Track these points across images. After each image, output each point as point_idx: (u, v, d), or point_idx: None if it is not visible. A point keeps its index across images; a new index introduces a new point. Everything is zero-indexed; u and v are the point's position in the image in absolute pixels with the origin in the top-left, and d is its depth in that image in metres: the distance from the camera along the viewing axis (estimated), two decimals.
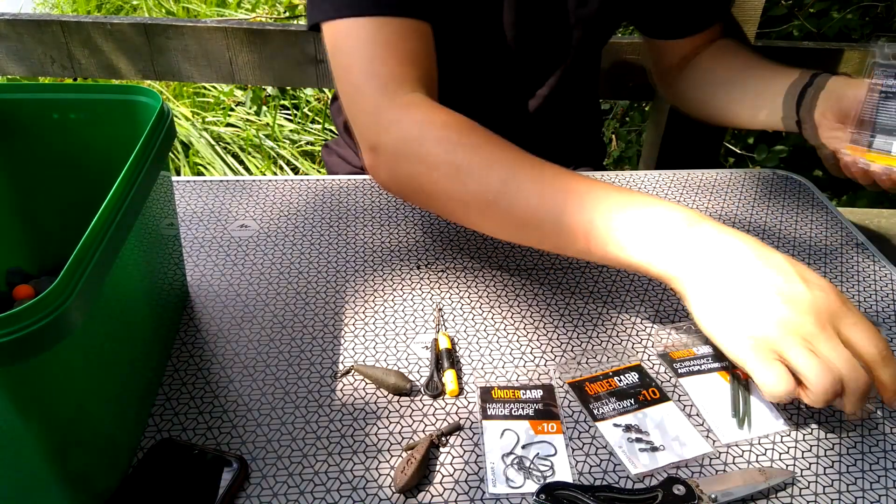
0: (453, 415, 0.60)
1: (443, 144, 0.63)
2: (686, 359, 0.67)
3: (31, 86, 0.64)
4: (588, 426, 0.60)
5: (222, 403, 0.61)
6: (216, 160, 2.35)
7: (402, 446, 0.57)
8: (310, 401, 0.61)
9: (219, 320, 0.70)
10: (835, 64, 1.28)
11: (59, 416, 0.45)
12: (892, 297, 0.76)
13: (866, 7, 2.09)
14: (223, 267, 0.77)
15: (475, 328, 0.70)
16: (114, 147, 0.62)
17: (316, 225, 0.84)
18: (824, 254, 0.82)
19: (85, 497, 0.50)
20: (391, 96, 0.66)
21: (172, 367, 0.64)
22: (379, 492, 0.54)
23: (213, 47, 1.28)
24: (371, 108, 0.66)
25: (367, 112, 0.67)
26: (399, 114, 0.65)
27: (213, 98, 2.66)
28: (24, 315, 0.38)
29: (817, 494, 0.55)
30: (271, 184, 0.91)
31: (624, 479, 0.56)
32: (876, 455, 0.58)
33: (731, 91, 0.89)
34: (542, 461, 0.56)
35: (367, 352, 0.66)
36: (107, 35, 1.29)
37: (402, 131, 0.65)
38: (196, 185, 0.91)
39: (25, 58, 1.32)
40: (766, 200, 0.92)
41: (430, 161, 0.63)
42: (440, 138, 0.63)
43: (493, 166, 0.61)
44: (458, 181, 0.62)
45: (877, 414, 0.62)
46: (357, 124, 0.68)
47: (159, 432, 0.58)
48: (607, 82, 1.29)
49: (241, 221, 0.84)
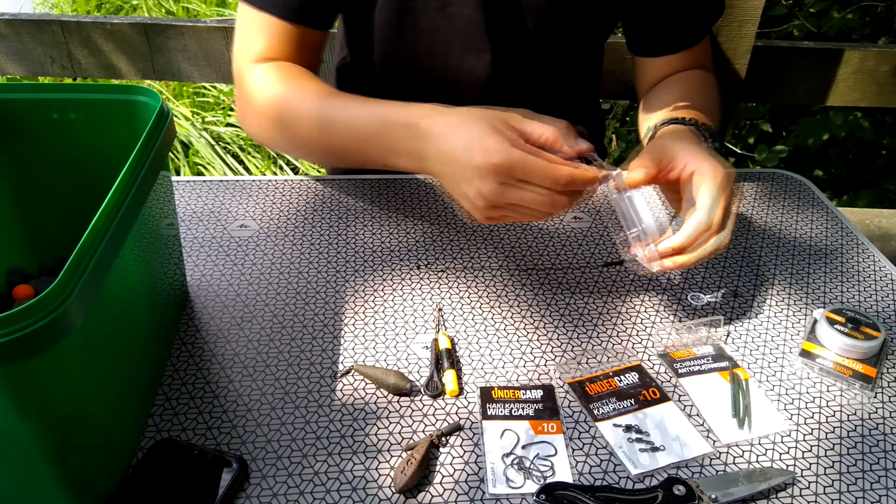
0: (453, 415, 0.60)
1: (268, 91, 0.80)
2: (686, 359, 0.66)
3: (31, 86, 0.64)
4: (588, 426, 0.60)
5: (222, 403, 0.61)
6: (216, 160, 2.35)
7: (402, 446, 0.57)
8: (310, 401, 0.61)
9: (219, 320, 0.70)
10: (835, 64, 1.28)
11: (58, 416, 0.45)
12: (892, 297, 0.76)
13: (866, 7, 2.09)
14: (223, 267, 0.77)
15: (475, 328, 0.70)
16: (114, 147, 0.62)
17: (316, 225, 0.84)
18: (824, 254, 0.82)
19: (85, 497, 0.50)
20: (250, 65, 0.82)
21: (172, 367, 0.64)
22: (379, 492, 0.54)
23: (213, 47, 1.28)
24: (236, 70, 0.85)
25: (234, 71, 0.86)
26: (251, 75, 0.82)
27: (212, 98, 2.66)
28: (24, 315, 0.38)
29: (817, 495, 0.55)
30: (271, 184, 0.91)
31: (624, 479, 0.55)
32: (876, 455, 0.58)
33: (644, 107, 0.93)
34: (542, 461, 0.56)
35: (367, 352, 0.66)
36: (106, 35, 1.29)
37: (247, 86, 0.82)
38: (196, 185, 0.90)
39: (25, 58, 1.32)
40: (766, 200, 0.92)
41: (260, 111, 0.81)
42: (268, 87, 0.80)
43: (302, 105, 0.77)
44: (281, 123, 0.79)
45: (877, 414, 0.62)
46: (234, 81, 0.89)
47: (159, 432, 0.58)
48: (607, 82, 1.29)
49: (241, 221, 0.84)
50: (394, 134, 0.68)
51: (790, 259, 0.81)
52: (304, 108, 0.77)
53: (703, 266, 0.80)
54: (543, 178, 0.59)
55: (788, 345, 0.69)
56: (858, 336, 0.66)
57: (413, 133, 0.66)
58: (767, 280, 0.78)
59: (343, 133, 0.73)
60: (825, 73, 1.30)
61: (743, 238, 0.85)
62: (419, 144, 0.66)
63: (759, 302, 0.75)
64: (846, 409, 0.63)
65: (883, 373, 0.66)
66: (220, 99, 2.65)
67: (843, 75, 1.30)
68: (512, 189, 0.60)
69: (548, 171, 0.59)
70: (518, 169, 0.59)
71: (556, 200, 0.60)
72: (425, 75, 0.91)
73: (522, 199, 0.60)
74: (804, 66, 1.30)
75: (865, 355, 0.66)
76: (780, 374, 0.66)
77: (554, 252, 0.81)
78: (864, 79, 1.29)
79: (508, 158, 0.59)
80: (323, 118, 0.75)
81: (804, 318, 0.73)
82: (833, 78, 1.30)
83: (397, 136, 0.68)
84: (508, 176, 0.59)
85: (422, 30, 0.87)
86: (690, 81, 0.92)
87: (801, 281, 0.78)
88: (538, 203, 0.60)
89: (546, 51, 0.91)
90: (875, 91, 1.31)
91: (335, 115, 0.74)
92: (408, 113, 0.67)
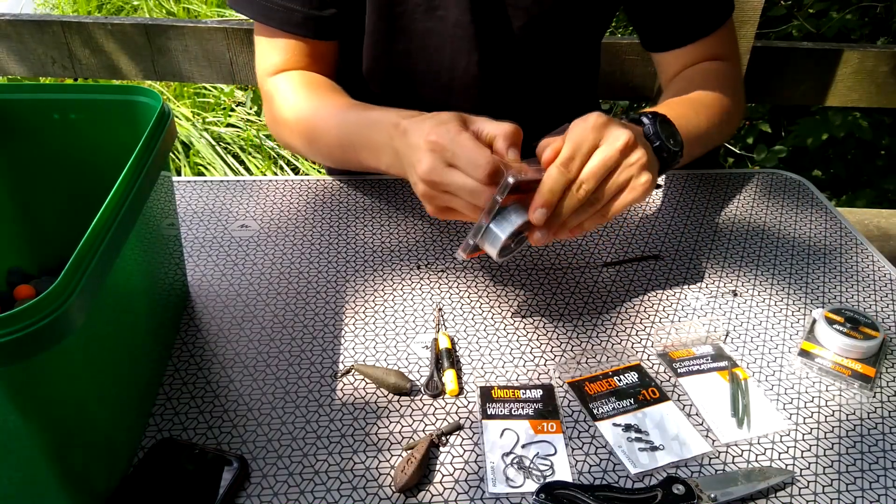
0: (453, 414, 0.60)
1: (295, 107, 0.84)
2: (685, 358, 0.67)
3: (32, 86, 0.64)
4: (588, 426, 0.60)
5: (222, 403, 0.61)
6: (216, 160, 2.35)
7: (402, 446, 0.57)
8: (310, 401, 0.61)
9: (219, 320, 0.70)
10: (834, 64, 1.28)
11: (59, 415, 0.45)
12: (891, 296, 0.76)
13: (865, 7, 2.09)
14: (223, 267, 0.77)
15: (475, 328, 0.70)
16: (114, 147, 0.62)
17: (316, 225, 0.84)
18: (824, 254, 0.82)
19: (85, 497, 0.50)
20: (271, 77, 0.87)
21: (172, 367, 0.64)
22: (379, 491, 0.54)
23: (214, 47, 1.28)
24: (260, 83, 0.90)
25: (259, 86, 0.91)
26: (275, 86, 0.87)
27: (213, 98, 2.66)
28: (24, 315, 0.38)
29: (817, 494, 0.55)
30: (271, 184, 0.91)
31: (624, 478, 0.56)
32: (875, 454, 0.59)
33: None
34: (542, 461, 0.56)
35: (367, 352, 0.67)
36: (107, 35, 1.29)
37: (274, 99, 0.87)
38: (196, 185, 0.91)
39: (26, 58, 1.32)
40: (766, 200, 0.92)
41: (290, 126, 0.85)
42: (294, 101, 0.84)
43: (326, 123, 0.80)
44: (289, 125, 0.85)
45: (875, 413, 0.62)
46: None
47: (159, 432, 0.58)
48: (607, 82, 1.29)
49: (241, 221, 0.84)
50: (381, 135, 0.70)
51: (789, 259, 0.81)
52: (327, 126, 0.80)
53: (703, 266, 0.80)
54: (467, 162, 0.58)
55: (787, 344, 0.69)
56: (857, 336, 0.67)
57: (391, 133, 0.67)
58: (766, 280, 0.78)
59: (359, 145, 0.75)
60: (824, 73, 1.30)
61: (742, 238, 0.85)
62: (395, 142, 0.67)
63: (759, 302, 0.75)
64: (845, 409, 0.63)
65: (882, 372, 0.67)
66: (220, 99, 2.65)
67: (842, 76, 1.30)
68: (445, 170, 0.59)
69: (472, 153, 0.58)
70: (448, 149, 0.59)
71: (477, 190, 0.58)
72: (417, 78, 0.91)
73: (452, 183, 0.59)
74: (803, 67, 1.30)
75: (864, 355, 0.67)
76: (779, 373, 0.66)
77: (554, 252, 0.81)
78: (864, 79, 1.30)
79: (442, 137, 0.59)
80: (342, 135, 0.77)
81: (803, 317, 0.73)
82: (832, 78, 1.30)
83: (383, 136, 0.69)
84: (441, 155, 0.59)
85: (412, 33, 0.87)
86: (689, 76, 0.90)
87: (800, 281, 0.78)
88: (465, 191, 0.59)
89: (537, 50, 0.91)
90: (874, 91, 1.31)
91: (350, 130, 0.77)
92: (395, 115, 0.68)
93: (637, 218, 0.87)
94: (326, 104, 0.82)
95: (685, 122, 0.75)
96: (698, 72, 0.90)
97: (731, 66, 0.93)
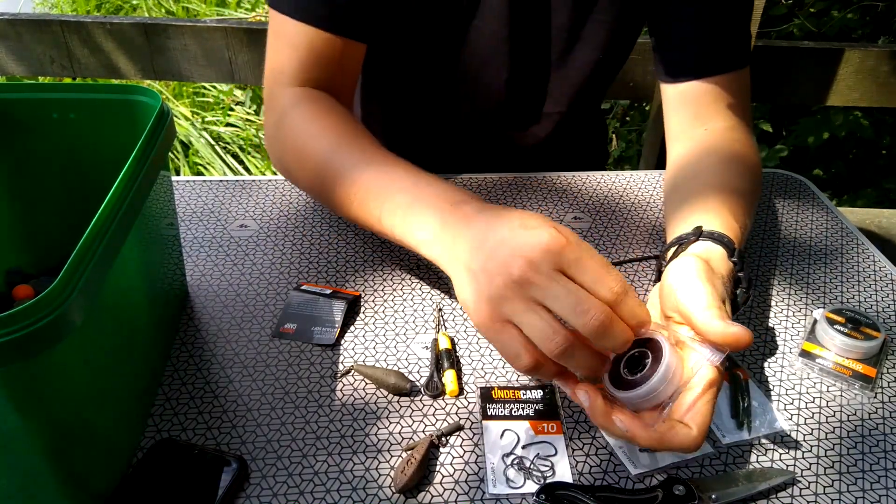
0: (453, 415, 0.60)
1: (295, 130, 0.75)
2: None
3: (31, 85, 0.64)
4: (588, 426, 0.60)
5: (222, 403, 0.61)
6: (216, 160, 2.35)
7: (402, 446, 0.57)
8: (310, 401, 0.61)
9: (219, 320, 0.70)
10: (835, 63, 1.28)
11: (58, 416, 0.45)
12: (892, 297, 0.76)
13: (866, 6, 2.09)
14: (223, 267, 0.77)
15: (475, 328, 0.70)
16: (113, 147, 0.62)
17: (316, 225, 0.84)
18: (824, 254, 0.82)
19: (84, 497, 0.50)
20: (282, 87, 0.79)
21: (172, 367, 0.64)
22: (379, 492, 0.54)
23: (213, 47, 1.29)
24: (268, 90, 0.81)
25: (265, 92, 0.82)
26: (280, 101, 0.78)
27: (212, 98, 2.66)
28: (23, 315, 0.38)
29: (817, 495, 0.55)
30: (271, 184, 0.91)
31: (624, 479, 0.55)
32: (876, 455, 0.58)
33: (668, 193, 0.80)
34: (542, 461, 0.56)
35: (367, 352, 0.66)
36: (106, 34, 1.29)
37: (276, 114, 0.78)
38: (196, 185, 0.91)
39: (25, 57, 1.32)
40: (766, 200, 0.92)
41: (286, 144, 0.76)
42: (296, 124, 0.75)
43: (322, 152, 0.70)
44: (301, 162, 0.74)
45: (877, 414, 0.62)
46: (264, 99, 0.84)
47: (159, 432, 0.58)
48: None
49: (240, 221, 0.84)
50: (425, 209, 0.59)
51: (790, 259, 0.81)
52: (345, 182, 0.67)
53: None
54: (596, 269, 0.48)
55: (788, 345, 0.69)
56: (858, 336, 0.66)
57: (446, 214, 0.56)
58: (767, 280, 0.78)
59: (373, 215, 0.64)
60: (825, 72, 1.30)
61: None
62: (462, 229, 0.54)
63: (759, 302, 0.75)
64: (846, 410, 0.63)
65: (883, 373, 0.66)
66: (219, 99, 2.65)
67: (843, 75, 1.30)
68: (548, 278, 0.48)
69: (607, 266, 0.48)
70: (570, 252, 0.48)
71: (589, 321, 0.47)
72: (446, 85, 0.91)
73: (558, 296, 0.47)
74: (804, 66, 1.30)
75: (865, 355, 0.66)
76: (779, 374, 0.66)
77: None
78: (865, 78, 1.30)
79: (560, 237, 0.48)
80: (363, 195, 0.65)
81: (804, 318, 0.73)
82: (833, 77, 1.30)
83: (427, 211, 0.58)
84: (554, 259, 0.48)
85: (444, 42, 0.86)
86: (720, 161, 0.77)
87: (801, 281, 0.78)
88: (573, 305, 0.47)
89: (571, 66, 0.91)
90: (875, 90, 1.31)
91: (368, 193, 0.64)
92: (451, 193, 0.59)
93: (637, 218, 0.87)
94: (349, 155, 0.68)
95: (744, 234, 0.69)
96: (731, 155, 0.78)
97: (746, 135, 0.82)
